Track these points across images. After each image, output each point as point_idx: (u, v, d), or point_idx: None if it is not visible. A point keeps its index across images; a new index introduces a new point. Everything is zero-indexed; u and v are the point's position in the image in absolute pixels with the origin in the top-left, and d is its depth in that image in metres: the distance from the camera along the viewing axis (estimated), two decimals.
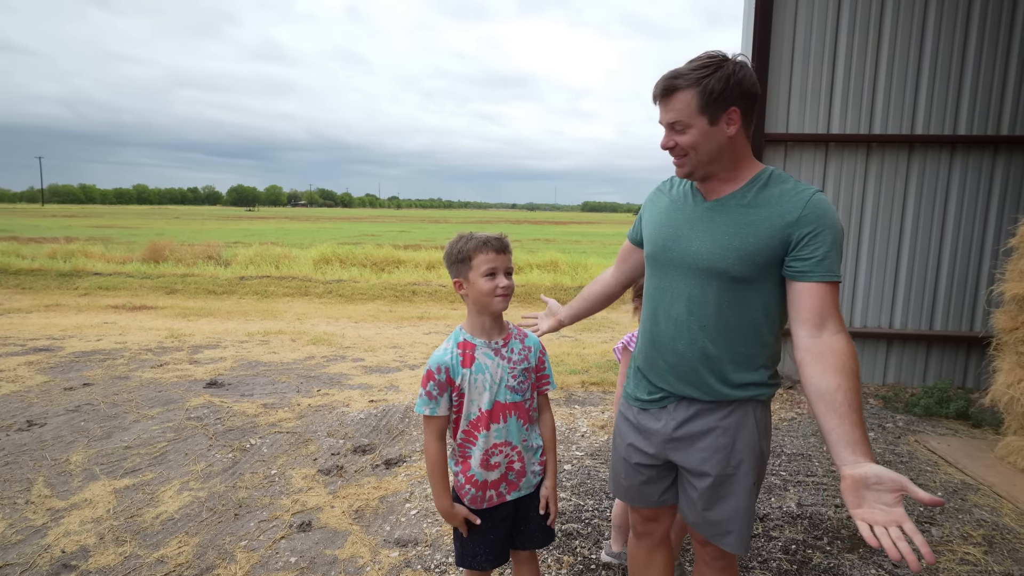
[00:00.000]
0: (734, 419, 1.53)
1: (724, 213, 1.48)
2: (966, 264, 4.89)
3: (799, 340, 1.39)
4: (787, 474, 3.39)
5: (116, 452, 3.66)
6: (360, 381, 5.33)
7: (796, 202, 1.42)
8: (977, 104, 4.69)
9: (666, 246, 1.56)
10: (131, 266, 12.97)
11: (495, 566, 1.83)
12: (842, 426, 1.25)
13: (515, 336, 1.79)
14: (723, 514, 1.55)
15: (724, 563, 1.65)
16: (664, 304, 1.57)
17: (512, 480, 1.76)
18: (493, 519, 1.78)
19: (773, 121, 4.86)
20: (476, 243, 1.67)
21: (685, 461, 1.60)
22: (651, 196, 1.75)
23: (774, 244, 1.42)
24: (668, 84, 1.43)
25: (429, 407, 1.68)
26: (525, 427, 1.77)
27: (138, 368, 5.58)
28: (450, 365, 1.69)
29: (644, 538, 1.81)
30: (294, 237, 27.77)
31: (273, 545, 2.68)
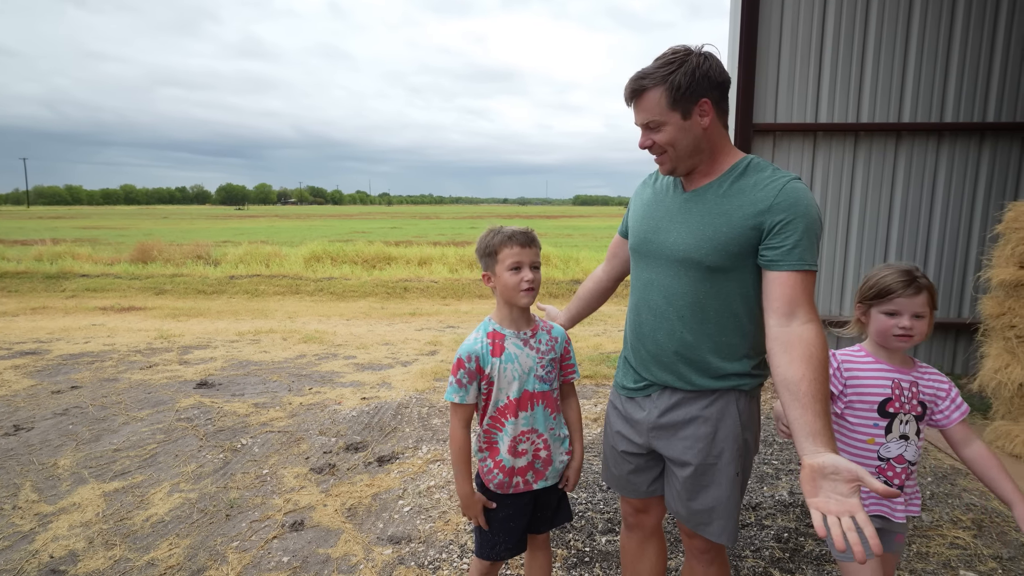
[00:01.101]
0: (716, 409, 1.54)
1: (700, 203, 1.50)
2: (954, 251, 4.92)
3: (770, 329, 1.38)
4: (779, 463, 3.41)
5: (105, 455, 3.62)
6: (352, 379, 5.30)
7: (769, 190, 1.41)
8: (963, 92, 4.70)
9: (646, 238, 1.58)
10: (119, 267, 12.84)
11: (513, 555, 1.84)
12: (804, 416, 1.25)
13: (542, 328, 1.82)
14: (705, 503, 1.56)
15: (712, 555, 1.66)
16: (645, 295, 1.60)
17: (539, 469, 1.79)
18: (516, 506, 1.80)
19: (761, 111, 4.86)
20: (502, 237, 1.70)
21: (668, 450, 1.61)
22: (637, 189, 1.77)
23: (747, 233, 1.41)
24: (636, 85, 1.45)
25: (459, 395, 1.71)
26: (552, 416, 1.79)
27: (127, 370, 5.53)
28: (480, 354, 1.72)
29: (635, 530, 1.83)
30: (284, 235, 27.60)
31: (265, 545, 2.66)
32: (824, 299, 5.09)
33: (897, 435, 1.57)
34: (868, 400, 1.57)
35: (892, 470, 1.57)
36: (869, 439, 1.57)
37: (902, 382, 1.58)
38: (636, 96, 1.46)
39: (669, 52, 1.43)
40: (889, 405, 1.57)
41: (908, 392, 1.57)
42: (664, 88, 1.41)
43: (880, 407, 1.57)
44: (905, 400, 1.56)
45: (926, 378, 1.60)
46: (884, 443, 1.57)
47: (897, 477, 1.57)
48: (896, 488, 1.55)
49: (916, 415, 1.57)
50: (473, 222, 45.92)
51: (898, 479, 1.57)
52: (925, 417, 1.57)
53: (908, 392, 1.57)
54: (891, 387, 1.57)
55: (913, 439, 1.57)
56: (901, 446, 1.57)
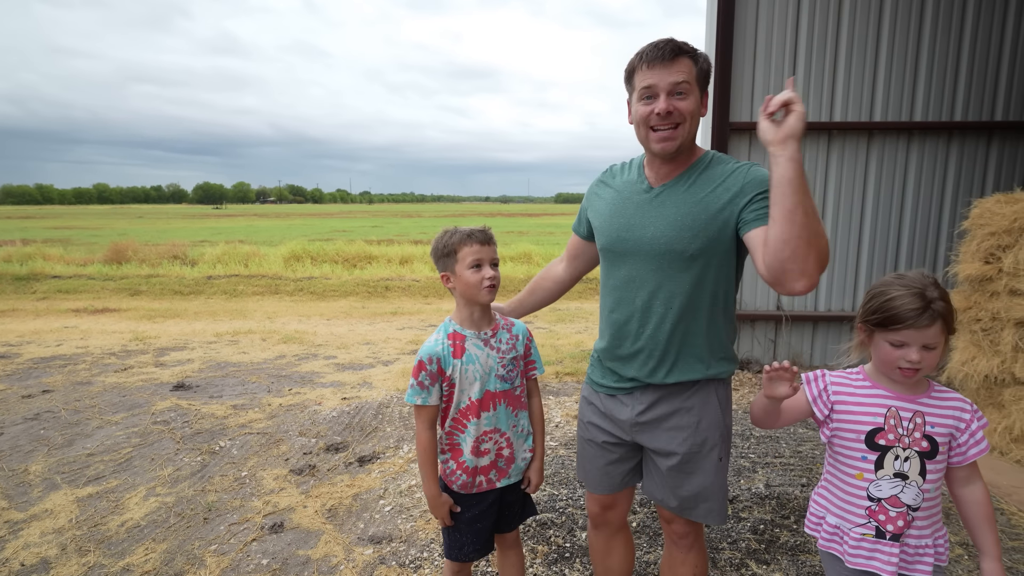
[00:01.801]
0: (698, 399, 1.59)
1: (672, 196, 1.54)
2: (924, 247, 5.05)
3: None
4: (756, 456, 3.47)
5: (78, 460, 3.55)
6: (333, 379, 5.26)
7: (738, 176, 1.49)
8: (932, 92, 4.82)
9: (621, 237, 1.59)
10: (92, 268, 12.56)
11: (481, 556, 1.85)
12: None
13: (503, 326, 1.82)
14: (692, 490, 1.61)
15: (691, 539, 1.71)
16: (629, 293, 1.60)
17: (502, 467, 1.79)
18: (481, 506, 1.80)
19: (738, 110, 4.93)
20: (460, 236, 1.70)
21: (652, 442, 1.64)
22: (593, 188, 1.76)
23: (724, 216, 1.48)
24: (677, 46, 1.45)
25: (421, 397, 1.71)
26: (514, 413, 1.79)
27: (101, 373, 5.42)
28: (441, 356, 1.71)
29: (603, 527, 1.87)
30: (263, 235, 27.23)
31: (244, 548, 2.63)
32: (798, 296, 5.18)
33: (890, 472, 1.33)
34: (854, 429, 1.37)
35: (885, 513, 1.34)
36: (857, 474, 1.36)
37: (901, 411, 1.34)
38: (675, 56, 1.44)
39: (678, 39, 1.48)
40: (879, 436, 1.34)
41: (908, 423, 1.33)
42: (696, 62, 1.47)
43: (868, 438, 1.35)
44: (904, 432, 1.33)
45: (941, 407, 1.33)
46: (874, 480, 1.34)
47: (892, 523, 1.33)
48: (889, 537, 1.34)
49: (921, 451, 1.32)
50: (455, 220, 45.77)
51: (892, 525, 1.33)
52: (938, 455, 1.31)
53: (908, 423, 1.33)
54: (884, 416, 1.35)
55: (915, 480, 1.32)
56: (896, 486, 1.33)
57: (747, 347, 5.28)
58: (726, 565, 2.42)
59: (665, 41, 1.45)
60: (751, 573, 2.37)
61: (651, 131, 1.49)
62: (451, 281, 1.73)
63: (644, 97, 1.48)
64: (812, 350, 5.26)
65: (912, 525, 1.33)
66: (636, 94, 1.50)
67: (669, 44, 1.44)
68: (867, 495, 1.35)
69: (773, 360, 5.26)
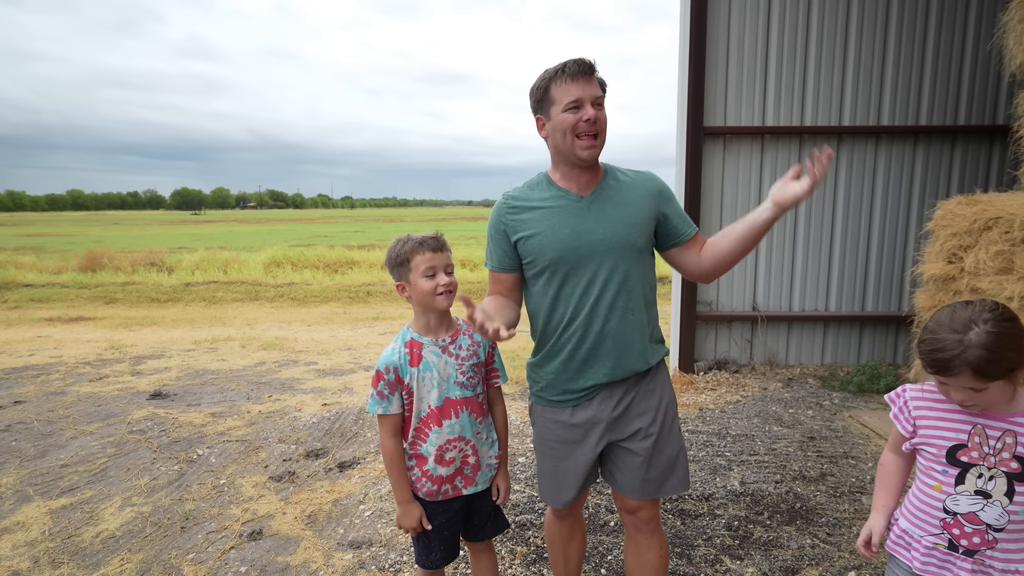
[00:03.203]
0: (655, 379, 1.76)
1: (604, 201, 1.67)
2: (892, 248, 5.18)
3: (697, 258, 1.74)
4: (731, 454, 3.53)
5: (51, 471, 3.49)
6: (313, 385, 5.24)
7: (647, 183, 1.74)
8: (898, 97, 4.96)
9: (572, 245, 1.64)
10: (66, 276, 12.32)
11: (448, 562, 1.87)
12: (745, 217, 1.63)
13: (463, 332, 1.81)
14: (666, 461, 1.73)
15: (654, 524, 1.82)
16: (588, 298, 1.66)
17: (468, 475, 1.80)
18: (448, 513, 1.82)
19: (711, 115, 5.02)
20: (412, 245, 1.70)
21: (626, 432, 1.73)
22: (508, 217, 1.71)
23: (650, 214, 1.71)
24: (592, 64, 1.61)
25: (381, 406, 1.72)
26: (479, 420, 1.80)
27: (75, 383, 5.33)
28: (398, 365, 1.72)
29: (567, 518, 1.95)
30: (243, 240, 26.91)
31: (222, 556, 2.62)
32: (774, 296, 5.30)
33: (971, 489, 1.28)
34: (937, 444, 1.32)
35: (960, 528, 1.30)
36: (936, 485, 1.33)
37: (988, 429, 1.27)
38: (592, 72, 1.60)
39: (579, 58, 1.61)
40: (962, 453, 1.29)
41: (996, 443, 1.26)
42: (598, 79, 1.63)
43: (949, 454, 1.30)
44: (990, 451, 1.26)
45: None
46: (952, 494, 1.30)
47: (966, 538, 1.29)
48: (963, 552, 1.30)
49: (1011, 472, 1.25)
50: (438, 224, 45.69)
51: (967, 540, 1.29)
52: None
53: (996, 443, 1.26)
54: (968, 433, 1.29)
55: (999, 500, 1.26)
56: (976, 503, 1.28)
57: (724, 347, 5.37)
58: (701, 561, 2.47)
59: (582, 59, 1.59)
60: (725, 568, 2.42)
61: (577, 139, 1.60)
62: (406, 290, 1.73)
63: (570, 108, 1.58)
64: (787, 350, 5.37)
65: (995, 547, 1.28)
66: (558, 106, 1.60)
67: (586, 61, 1.59)
68: (943, 507, 1.32)
69: (751, 359, 5.36)
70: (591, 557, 2.52)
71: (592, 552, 2.55)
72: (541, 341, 1.77)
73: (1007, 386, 1.22)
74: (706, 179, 5.12)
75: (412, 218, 69.32)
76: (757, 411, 4.27)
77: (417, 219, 63.03)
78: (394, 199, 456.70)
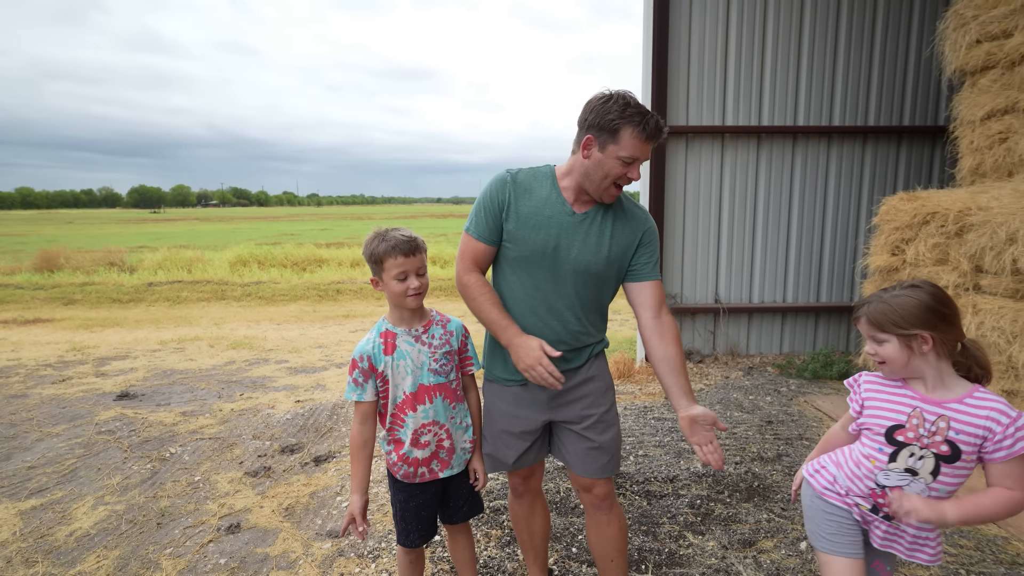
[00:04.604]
0: (596, 366, 1.91)
1: (594, 225, 1.77)
2: (844, 241, 5.47)
3: (645, 320, 1.81)
4: None
5: (18, 473, 3.44)
6: (285, 383, 5.24)
7: (639, 223, 1.83)
8: (848, 98, 5.24)
9: (546, 253, 1.76)
10: (20, 277, 11.89)
11: (425, 542, 1.97)
12: (679, 382, 1.72)
13: (436, 322, 1.91)
14: (605, 442, 1.87)
15: (611, 500, 1.95)
16: (548, 299, 1.80)
17: (443, 458, 1.90)
18: (425, 495, 1.91)
19: (674, 114, 5.20)
20: (386, 247, 1.76)
21: (569, 414, 1.86)
22: (509, 189, 1.77)
23: (627, 250, 1.82)
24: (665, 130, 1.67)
25: (356, 393, 1.82)
26: (452, 406, 1.89)
27: (36, 385, 5.21)
28: (372, 354, 1.81)
29: (525, 495, 2.08)
30: (207, 239, 26.26)
31: (201, 550, 2.65)
32: (735, 289, 5.52)
33: (902, 466, 1.39)
34: (879, 424, 1.44)
35: (885, 498, 1.43)
36: (872, 460, 1.45)
37: (925, 413, 1.37)
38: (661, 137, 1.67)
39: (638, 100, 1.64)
40: (899, 433, 1.40)
41: (932, 426, 1.36)
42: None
43: (888, 433, 1.42)
44: (924, 434, 1.37)
45: (972, 414, 1.34)
46: (884, 469, 1.42)
47: (888, 506, 1.42)
48: (883, 516, 1.45)
49: (940, 455, 1.35)
50: (407, 222, 45.38)
51: (888, 507, 1.42)
52: (959, 460, 1.34)
53: (932, 426, 1.36)
54: (908, 415, 1.40)
55: (924, 478, 1.37)
56: (903, 479, 1.39)
57: (688, 339, 5.57)
58: (666, 537, 2.62)
59: (658, 121, 1.63)
60: (688, 543, 2.58)
61: (612, 186, 1.70)
62: (380, 286, 1.82)
63: (626, 161, 1.64)
64: (748, 339, 5.60)
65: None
66: (617, 150, 1.62)
67: (661, 128, 1.64)
68: (875, 480, 1.44)
69: (714, 349, 5.58)
70: (563, 537, 2.64)
71: (563, 533, 2.68)
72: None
73: (903, 348, 1.38)
74: (669, 176, 5.30)
75: (380, 215, 68.59)
76: (719, 398, 4.47)
77: (385, 216, 62.39)
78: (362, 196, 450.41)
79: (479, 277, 1.82)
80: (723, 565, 2.42)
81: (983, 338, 3.06)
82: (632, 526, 2.71)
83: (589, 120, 1.66)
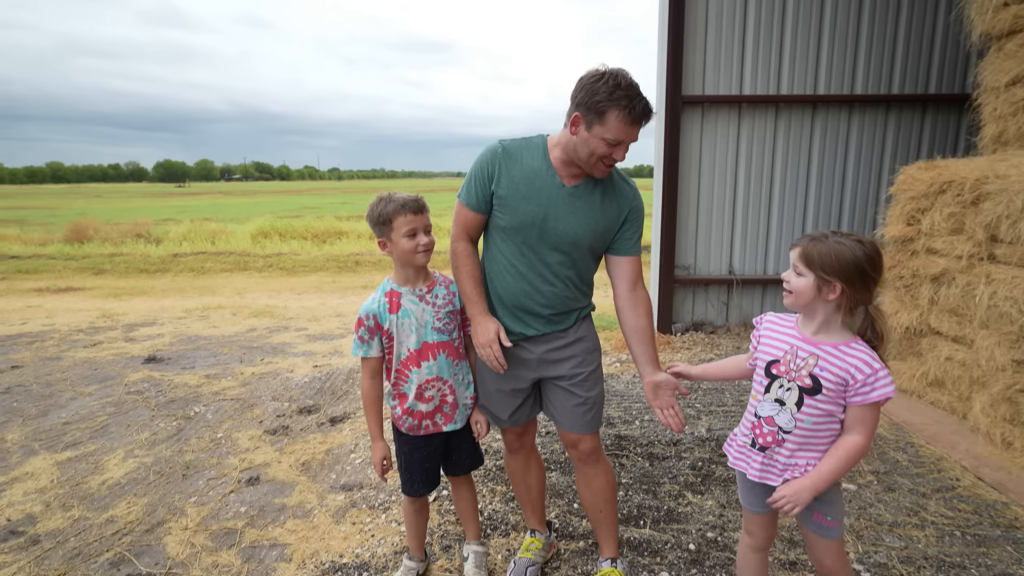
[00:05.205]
0: (584, 328, 1.97)
1: (583, 197, 1.81)
2: (863, 212, 5.38)
3: (621, 292, 1.91)
4: (701, 405, 3.76)
5: (54, 428, 3.65)
6: (304, 349, 5.40)
7: (627, 195, 1.87)
8: (871, 66, 5.09)
9: (534, 223, 1.80)
10: (52, 248, 12.29)
11: (429, 491, 2.09)
12: (647, 351, 1.86)
13: (440, 283, 1.98)
14: (592, 397, 1.95)
15: (598, 454, 2.03)
16: (536, 267, 1.85)
17: (447, 412, 1.99)
18: (428, 447, 2.01)
19: (690, 83, 5.13)
20: (395, 206, 1.83)
21: (558, 371, 1.94)
22: (499, 160, 1.80)
23: (614, 223, 1.87)
24: (650, 112, 1.67)
25: (362, 350, 1.91)
26: (455, 363, 1.98)
27: (70, 348, 5.45)
28: (377, 312, 1.89)
29: (519, 452, 2.17)
30: (229, 212, 26.69)
31: (223, 499, 2.81)
32: (750, 260, 5.49)
33: (773, 397, 1.55)
34: (762, 359, 1.60)
35: (760, 428, 1.58)
36: (755, 394, 1.61)
37: (800, 350, 1.52)
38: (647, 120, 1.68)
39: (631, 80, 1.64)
40: (774, 366, 1.56)
41: (801, 361, 1.51)
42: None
43: (767, 367, 1.57)
44: (794, 368, 1.52)
45: (842, 357, 1.47)
46: (761, 401, 1.58)
47: (763, 437, 1.57)
48: (759, 448, 1.58)
49: (802, 386, 1.50)
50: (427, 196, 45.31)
51: (763, 439, 1.57)
52: (819, 394, 1.48)
53: (801, 361, 1.51)
54: (784, 352, 1.55)
55: (790, 407, 1.52)
56: (774, 408, 1.55)
57: (701, 310, 5.58)
58: (665, 496, 2.70)
59: (646, 105, 1.63)
60: (687, 502, 2.65)
61: (599, 163, 1.72)
62: (387, 247, 1.88)
63: (612, 143, 1.65)
64: (761, 311, 5.56)
65: (783, 445, 1.54)
66: (602, 130, 1.64)
67: (648, 111, 1.65)
68: (755, 412, 1.60)
69: (726, 320, 5.59)
70: (564, 494, 2.74)
71: (566, 491, 2.77)
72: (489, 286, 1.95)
73: (813, 288, 1.47)
74: (684, 147, 5.25)
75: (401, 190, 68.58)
76: None
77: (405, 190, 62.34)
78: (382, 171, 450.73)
79: (467, 247, 1.90)
80: (720, 522, 2.49)
81: (995, 308, 3.03)
82: (633, 485, 2.80)
83: (579, 98, 1.67)
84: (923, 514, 2.53)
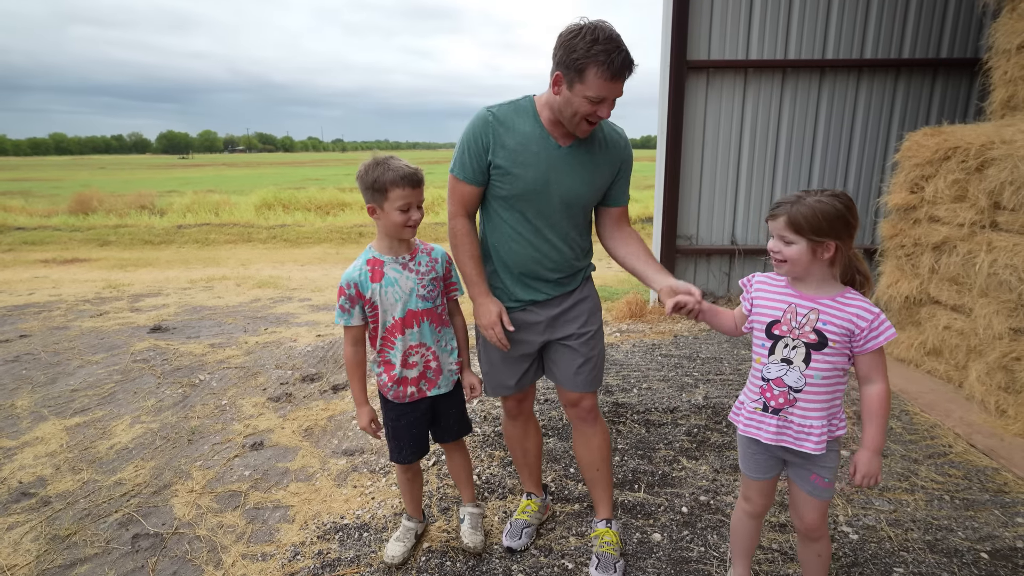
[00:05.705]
0: (586, 288, 2.02)
1: (578, 155, 1.81)
2: (869, 180, 5.31)
3: (608, 231, 1.98)
4: (699, 374, 3.79)
5: (63, 395, 3.73)
6: (307, 319, 5.45)
7: (619, 148, 1.89)
8: (881, 30, 4.95)
9: (537, 189, 1.79)
10: (57, 219, 12.34)
11: (418, 458, 2.12)
12: (651, 264, 1.86)
13: (421, 250, 1.97)
14: (594, 356, 1.99)
15: (595, 412, 2.08)
16: (542, 232, 1.86)
17: (431, 378, 2.00)
18: (415, 413, 2.03)
19: (695, 48, 5.01)
20: (393, 176, 1.77)
21: (565, 330, 1.97)
22: (492, 128, 1.75)
23: (610, 176, 1.90)
24: (631, 63, 1.62)
25: (344, 318, 1.92)
26: (438, 329, 1.99)
27: (77, 318, 5.52)
28: (359, 281, 1.89)
29: (518, 418, 2.21)
30: (233, 184, 26.62)
31: (227, 463, 2.88)
32: (753, 230, 5.45)
33: (779, 358, 1.54)
34: (760, 321, 1.58)
35: (770, 391, 1.56)
36: (758, 358, 1.59)
37: (799, 308, 1.52)
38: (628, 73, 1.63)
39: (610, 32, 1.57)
40: (775, 327, 1.54)
41: (802, 318, 1.51)
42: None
43: (767, 328, 1.56)
44: (796, 326, 1.51)
45: (840, 308, 1.48)
46: (766, 364, 1.56)
47: (774, 400, 1.56)
48: (771, 411, 1.57)
49: (808, 343, 1.50)
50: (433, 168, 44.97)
51: (774, 401, 1.56)
52: (826, 348, 1.49)
53: (802, 318, 1.51)
54: (784, 311, 1.54)
55: (798, 365, 1.52)
56: (781, 369, 1.54)
57: (703, 279, 5.57)
58: (660, 461, 2.75)
59: (625, 57, 1.58)
60: (682, 467, 2.70)
61: (583, 122, 1.69)
62: (377, 214, 1.83)
63: (594, 100, 1.61)
64: None
65: (796, 405, 1.53)
66: (584, 89, 1.60)
67: (629, 64, 1.59)
68: (761, 376, 1.58)
69: (728, 291, 5.58)
70: (561, 459, 2.79)
71: (562, 455, 2.82)
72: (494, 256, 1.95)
73: (808, 252, 1.47)
74: (688, 114, 5.17)
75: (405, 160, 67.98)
76: (728, 337, 4.52)
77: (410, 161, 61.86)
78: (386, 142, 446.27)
79: (465, 224, 1.88)
80: (713, 487, 2.54)
81: (995, 276, 3.02)
82: (628, 451, 2.84)
83: (558, 56, 1.63)
84: (913, 479, 2.57)
